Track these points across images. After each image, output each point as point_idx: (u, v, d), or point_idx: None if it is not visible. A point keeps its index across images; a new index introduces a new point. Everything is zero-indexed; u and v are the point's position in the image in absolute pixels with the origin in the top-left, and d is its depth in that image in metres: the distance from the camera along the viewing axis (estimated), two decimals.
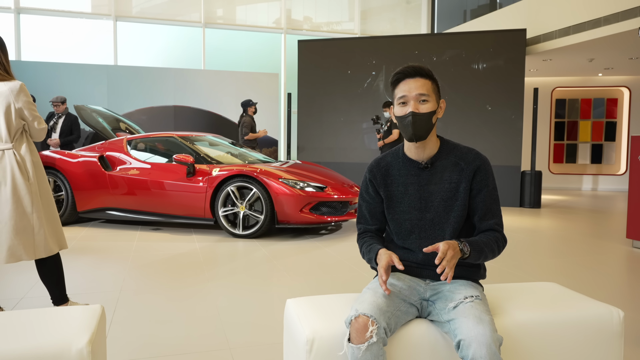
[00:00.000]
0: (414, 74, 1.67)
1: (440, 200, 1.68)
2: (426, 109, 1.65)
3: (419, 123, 1.65)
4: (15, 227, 2.44)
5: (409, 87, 1.67)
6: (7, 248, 2.44)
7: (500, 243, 1.67)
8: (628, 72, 10.88)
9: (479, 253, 1.60)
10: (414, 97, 1.66)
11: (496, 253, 1.66)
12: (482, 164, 1.69)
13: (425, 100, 1.66)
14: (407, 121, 1.65)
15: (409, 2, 12.78)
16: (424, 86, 1.66)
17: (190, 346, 2.43)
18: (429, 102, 1.66)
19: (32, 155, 2.55)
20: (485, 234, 1.67)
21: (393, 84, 1.71)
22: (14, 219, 2.43)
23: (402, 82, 1.68)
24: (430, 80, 1.68)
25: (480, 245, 1.61)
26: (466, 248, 1.57)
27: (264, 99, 9.42)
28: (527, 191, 8.15)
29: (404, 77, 1.68)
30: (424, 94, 1.66)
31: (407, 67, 1.69)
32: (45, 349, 1.35)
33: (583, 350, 1.63)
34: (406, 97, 1.67)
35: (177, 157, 5.36)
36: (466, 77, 8.32)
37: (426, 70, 1.68)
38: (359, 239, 1.83)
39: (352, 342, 1.42)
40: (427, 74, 1.68)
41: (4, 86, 2.43)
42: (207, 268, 3.98)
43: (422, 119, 1.65)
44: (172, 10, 11.03)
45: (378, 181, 1.77)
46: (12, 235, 2.44)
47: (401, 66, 1.70)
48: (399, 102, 1.69)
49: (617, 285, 3.80)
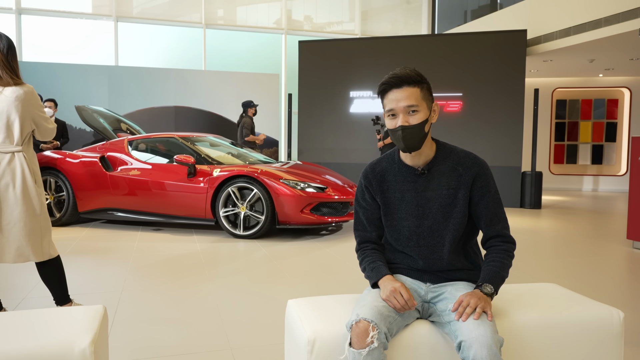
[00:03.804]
0: (399, 83, 1.58)
1: (438, 206, 1.65)
2: (417, 120, 1.58)
3: (410, 136, 1.58)
4: (25, 227, 2.47)
5: (395, 98, 1.58)
6: (15, 248, 2.47)
7: (511, 252, 1.64)
8: (629, 73, 10.88)
9: (501, 281, 1.58)
10: (402, 110, 1.58)
11: (511, 263, 1.64)
12: (480, 169, 1.65)
13: (415, 110, 1.58)
14: (397, 135, 1.59)
15: (409, 3, 12.78)
16: (411, 96, 1.57)
17: (192, 346, 2.43)
18: (419, 112, 1.59)
19: (35, 159, 2.61)
20: (495, 249, 1.64)
21: (380, 94, 1.64)
22: (23, 220, 2.46)
23: (389, 92, 1.60)
24: (419, 87, 1.59)
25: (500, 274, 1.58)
26: (489, 289, 1.53)
27: (264, 99, 9.43)
28: (528, 192, 8.15)
29: (389, 87, 1.60)
30: (412, 105, 1.58)
31: (392, 77, 1.59)
32: (48, 349, 1.36)
33: (583, 351, 1.64)
34: (394, 109, 1.59)
35: (178, 158, 5.37)
36: (466, 78, 8.32)
37: (413, 76, 1.58)
38: (358, 251, 1.77)
39: (353, 347, 1.42)
40: (415, 81, 1.58)
41: (19, 90, 2.45)
42: (208, 268, 3.99)
43: (414, 131, 1.58)
44: (173, 10, 11.04)
45: (374, 188, 1.72)
46: (21, 235, 2.47)
47: (388, 74, 1.61)
48: (387, 115, 1.62)
49: (618, 286, 3.81)
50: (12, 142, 2.47)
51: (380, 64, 8.69)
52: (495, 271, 1.58)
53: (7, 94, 2.44)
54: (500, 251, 1.63)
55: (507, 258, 1.62)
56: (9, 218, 2.45)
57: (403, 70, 1.60)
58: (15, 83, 2.47)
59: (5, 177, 2.44)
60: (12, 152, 2.47)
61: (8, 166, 2.45)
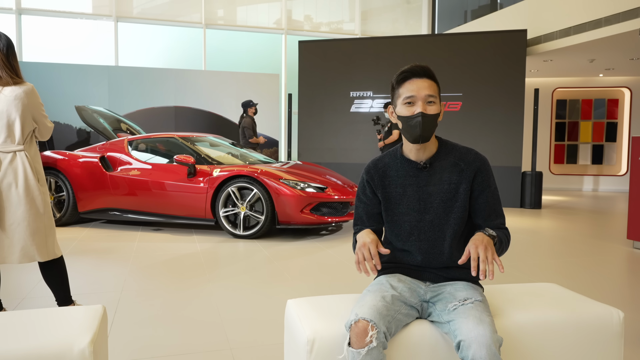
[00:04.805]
0: (422, 74, 1.64)
1: (439, 201, 1.67)
2: (433, 111, 1.63)
3: (428, 124, 1.62)
4: (29, 227, 2.46)
5: (417, 86, 1.63)
6: (20, 248, 2.47)
7: (508, 237, 1.70)
8: (629, 73, 10.87)
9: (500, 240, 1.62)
10: (423, 98, 1.62)
11: (507, 245, 1.68)
12: (482, 165, 1.68)
13: (432, 101, 1.64)
14: (415, 122, 1.62)
15: (409, 3, 12.78)
16: (431, 87, 1.63)
17: (191, 346, 2.43)
18: (435, 104, 1.64)
19: (38, 158, 2.61)
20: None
21: (398, 82, 1.67)
22: (27, 219, 2.46)
23: (409, 81, 1.64)
24: (435, 83, 1.66)
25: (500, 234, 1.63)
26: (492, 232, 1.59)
27: (264, 99, 9.43)
28: (528, 192, 8.15)
29: (411, 75, 1.64)
30: (431, 95, 1.63)
31: (415, 67, 1.65)
32: (47, 349, 1.36)
33: (583, 351, 1.64)
34: (414, 97, 1.63)
35: (178, 158, 5.37)
36: (467, 78, 8.32)
37: (432, 71, 1.66)
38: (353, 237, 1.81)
39: (352, 347, 1.42)
40: (433, 76, 1.65)
41: (18, 89, 2.45)
42: (208, 269, 3.99)
43: (431, 120, 1.62)
44: (173, 11, 11.04)
45: (376, 183, 1.74)
46: (26, 235, 2.46)
47: (407, 65, 1.66)
48: (405, 102, 1.64)
49: (617, 286, 3.81)
50: (13, 141, 2.47)
51: (381, 64, 8.69)
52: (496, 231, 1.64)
53: (7, 94, 2.44)
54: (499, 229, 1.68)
55: (504, 236, 1.66)
56: (13, 218, 2.45)
57: (422, 64, 1.66)
58: (15, 82, 2.47)
59: (8, 177, 2.44)
60: (13, 151, 2.47)
61: (10, 166, 2.45)
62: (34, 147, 2.59)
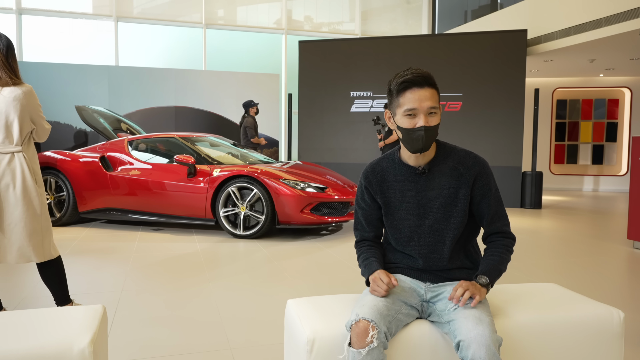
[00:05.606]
0: (423, 83, 1.56)
1: (439, 206, 1.65)
2: (435, 122, 1.58)
3: (430, 137, 1.58)
4: (26, 228, 2.47)
5: (419, 98, 1.56)
6: (17, 248, 2.48)
7: (510, 247, 1.67)
8: (629, 73, 10.87)
9: (498, 274, 1.61)
10: (425, 110, 1.56)
11: (509, 258, 1.67)
12: (481, 169, 1.66)
13: (434, 112, 1.58)
14: (417, 135, 1.57)
15: (409, 3, 12.78)
16: (433, 97, 1.57)
17: (191, 346, 2.43)
18: (437, 114, 1.60)
19: (36, 159, 2.61)
20: (494, 244, 1.67)
21: (399, 91, 1.59)
22: (24, 220, 2.46)
23: (410, 91, 1.56)
24: (436, 89, 1.60)
25: (497, 267, 1.61)
26: (485, 280, 1.57)
27: (264, 99, 9.43)
28: (528, 192, 8.15)
29: (412, 85, 1.56)
30: (434, 107, 1.57)
31: (417, 76, 1.56)
32: (47, 349, 1.36)
33: (583, 351, 1.64)
34: (416, 110, 1.56)
35: (178, 158, 5.37)
36: (467, 78, 8.32)
37: (432, 78, 1.59)
38: (356, 247, 1.81)
39: (353, 347, 1.42)
40: (434, 83, 1.59)
41: (17, 90, 2.46)
42: (208, 268, 3.99)
43: (433, 133, 1.59)
44: (173, 11, 11.04)
45: (374, 188, 1.72)
46: (22, 236, 2.47)
47: (408, 71, 1.58)
48: (406, 114, 1.58)
49: (618, 286, 3.80)
50: (11, 142, 2.48)
51: (381, 64, 8.68)
52: (492, 264, 1.61)
53: (6, 94, 2.44)
54: (499, 246, 1.66)
55: (505, 253, 1.65)
56: (10, 219, 2.46)
57: (422, 70, 1.59)
58: (14, 83, 2.47)
59: (6, 178, 2.45)
60: (12, 152, 2.48)
61: (8, 166, 2.46)
62: (32, 148, 2.59)
